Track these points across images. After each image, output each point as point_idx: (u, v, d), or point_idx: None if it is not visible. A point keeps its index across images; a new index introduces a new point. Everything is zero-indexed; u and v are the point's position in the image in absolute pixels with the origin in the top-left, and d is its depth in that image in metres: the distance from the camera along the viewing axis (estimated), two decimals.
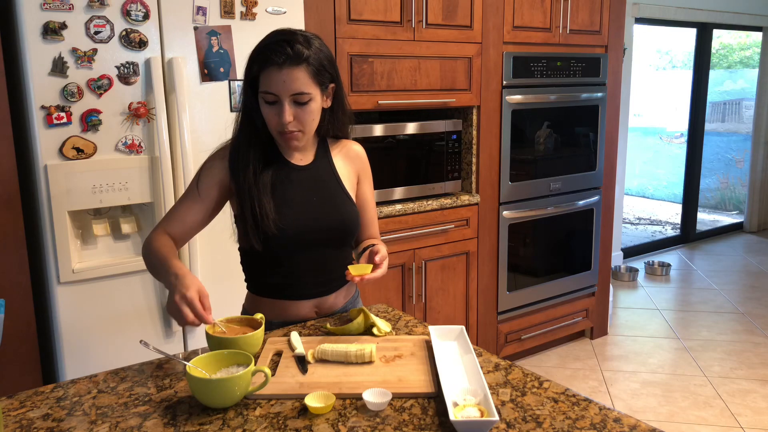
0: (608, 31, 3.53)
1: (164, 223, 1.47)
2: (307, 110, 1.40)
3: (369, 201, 1.66)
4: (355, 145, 1.63)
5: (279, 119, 1.39)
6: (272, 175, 1.47)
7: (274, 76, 1.36)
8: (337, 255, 1.56)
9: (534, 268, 3.48)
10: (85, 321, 2.06)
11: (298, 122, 1.41)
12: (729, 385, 3.25)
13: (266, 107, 1.40)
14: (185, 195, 1.50)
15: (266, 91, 1.38)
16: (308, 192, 1.51)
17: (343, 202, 1.54)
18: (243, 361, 1.17)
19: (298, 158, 1.53)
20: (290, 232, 1.45)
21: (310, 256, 1.51)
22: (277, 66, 1.35)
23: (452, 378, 1.21)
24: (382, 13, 2.71)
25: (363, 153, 1.64)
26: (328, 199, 1.52)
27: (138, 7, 2.01)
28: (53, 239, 1.98)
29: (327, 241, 1.52)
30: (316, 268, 1.52)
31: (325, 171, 1.55)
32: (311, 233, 1.49)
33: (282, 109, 1.38)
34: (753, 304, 4.47)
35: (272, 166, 1.48)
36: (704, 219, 6.91)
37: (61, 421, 1.09)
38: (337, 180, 1.56)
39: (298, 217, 1.47)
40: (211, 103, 2.18)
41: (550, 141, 3.43)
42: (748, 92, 7.02)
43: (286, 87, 1.36)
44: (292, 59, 1.35)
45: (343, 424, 1.07)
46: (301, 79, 1.37)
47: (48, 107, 1.92)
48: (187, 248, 2.16)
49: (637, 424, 1.05)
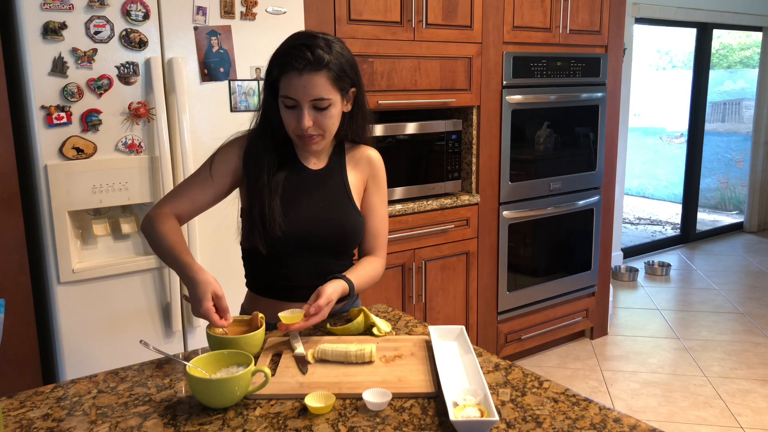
0: (608, 31, 3.53)
1: (171, 200, 1.46)
2: (326, 115, 1.39)
3: (375, 209, 1.59)
4: (370, 151, 1.60)
5: (298, 123, 1.38)
6: (284, 177, 1.47)
7: (294, 81, 1.35)
8: (338, 260, 1.55)
9: (534, 268, 3.48)
10: (85, 321, 2.06)
11: (318, 127, 1.40)
12: (729, 385, 3.25)
13: (286, 111, 1.40)
14: (196, 175, 1.48)
15: (286, 96, 1.37)
16: (315, 197, 1.50)
17: (347, 210, 1.53)
18: (243, 361, 1.17)
19: (312, 162, 1.53)
20: (293, 235, 1.45)
21: (310, 260, 1.51)
22: (297, 71, 1.34)
23: (452, 378, 1.21)
24: (382, 13, 2.71)
25: (378, 159, 1.60)
26: (333, 205, 1.51)
27: (138, 7, 2.01)
28: (53, 239, 1.98)
29: (327, 247, 1.52)
30: (316, 272, 1.51)
31: (335, 177, 1.54)
32: (312, 238, 1.48)
33: (301, 114, 1.37)
34: (753, 304, 4.47)
35: (285, 168, 1.48)
36: (704, 219, 6.91)
37: (61, 421, 1.09)
38: (345, 187, 1.54)
39: (301, 221, 1.47)
40: (211, 103, 2.18)
41: (550, 141, 3.43)
42: (748, 92, 7.02)
43: (306, 92, 1.35)
44: (312, 64, 1.34)
45: (343, 424, 1.07)
46: (321, 85, 1.35)
47: (48, 107, 1.92)
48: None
49: (637, 424, 1.05)
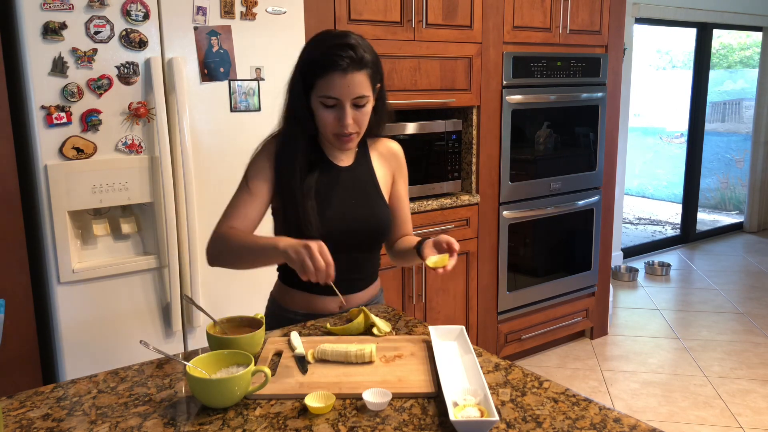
0: (608, 31, 3.53)
1: (226, 221, 1.46)
2: (363, 112, 1.42)
3: (403, 199, 1.66)
4: (392, 144, 1.64)
5: (339, 122, 1.40)
6: (317, 177, 1.48)
7: (338, 80, 1.36)
8: (368, 256, 1.59)
9: (534, 268, 3.48)
10: (85, 321, 2.06)
11: (356, 124, 1.42)
12: (729, 385, 3.25)
13: (324, 110, 1.40)
14: (239, 194, 1.49)
15: (327, 96, 1.38)
16: (348, 194, 1.52)
17: (378, 205, 1.56)
18: (243, 361, 1.17)
19: (341, 159, 1.54)
20: (329, 234, 1.46)
21: (343, 257, 1.51)
22: (341, 71, 1.35)
23: (452, 378, 1.20)
24: (382, 13, 2.71)
25: (400, 151, 1.65)
26: (364, 201, 1.53)
27: (138, 7, 2.01)
28: (53, 239, 1.98)
29: (360, 244, 1.54)
30: (348, 269, 1.53)
31: (365, 172, 1.56)
32: (346, 235, 1.50)
33: (343, 113, 1.39)
34: (753, 304, 4.47)
35: (317, 168, 1.49)
36: (704, 219, 6.91)
37: (61, 421, 1.09)
38: (375, 182, 1.57)
39: (336, 219, 1.48)
40: (211, 103, 2.17)
41: (550, 141, 3.43)
42: (748, 92, 7.02)
43: (349, 91, 1.37)
44: (356, 63, 1.36)
45: (343, 424, 1.07)
46: (363, 83, 1.38)
47: (48, 107, 1.92)
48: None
49: (637, 424, 1.05)
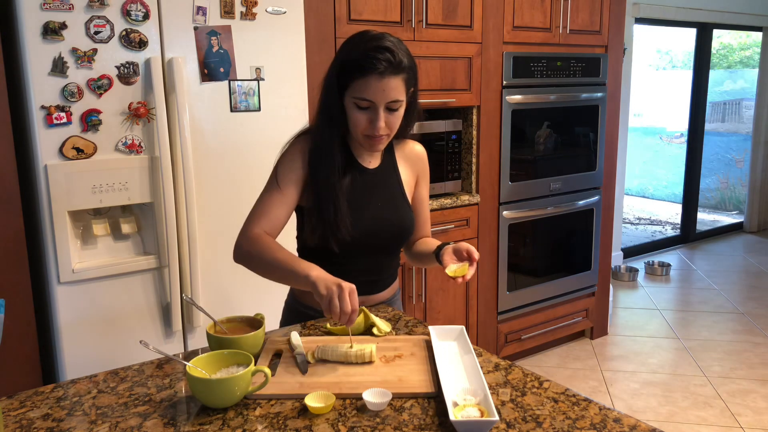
0: (608, 31, 3.53)
1: (255, 221, 1.44)
2: (396, 116, 1.42)
3: (424, 201, 1.67)
4: (416, 146, 1.64)
5: (370, 125, 1.39)
6: (350, 179, 1.48)
7: (374, 83, 1.35)
8: (390, 258, 1.60)
9: (534, 268, 3.48)
10: (85, 321, 2.06)
11: (387, 127, 1.41)
12: (729, 385, 3.25)
13: (357, 111, 1.40)
14: (267, 192, 1.47)
15: (362, 98, 1.37)
16: (374, 196, 1.52)
17: (402, 208, 1.56)
18: (243, 361, 1.17)
19: (368, 160, 1.54)
20: (359, 236, 1.46)
21: (366, 258, 1.53)
22: (378, 74, 1.35)
23: (452, 378, 1.21)
24: (382, 13, 2.71)
25: (424, 154, 1.65)
26: (389, 203, 1.54)
27: (138, 7, 2.01)
28: (53, 239, 1.98)
29: (386, 246, 1.55)
30: (370, 270, 1.54)
31: (390, 174, 1.57)
32: (373, 238, 1.50)
33: (377, 115, 1.38)
34: (753, 304, 4.47)
35: (347, 169, 1.49)
36: (704, 219, 6.91)
37: (61, 421, 1.09)
38: (400, 185, 1.57)
39: (367, 221, 1.48)
40: (211, 103, 2.17)
41: (550, 141, 3.43)
42: (748, 92, 7.02)
43: (384, 95, 1.36)
44: (393, 67, 1.35)
45: (343, 424, 1.07)
46: (398, 88, 1.38)
47: (48, 107, 1.92)
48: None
49: (637, 424, 1.05)
